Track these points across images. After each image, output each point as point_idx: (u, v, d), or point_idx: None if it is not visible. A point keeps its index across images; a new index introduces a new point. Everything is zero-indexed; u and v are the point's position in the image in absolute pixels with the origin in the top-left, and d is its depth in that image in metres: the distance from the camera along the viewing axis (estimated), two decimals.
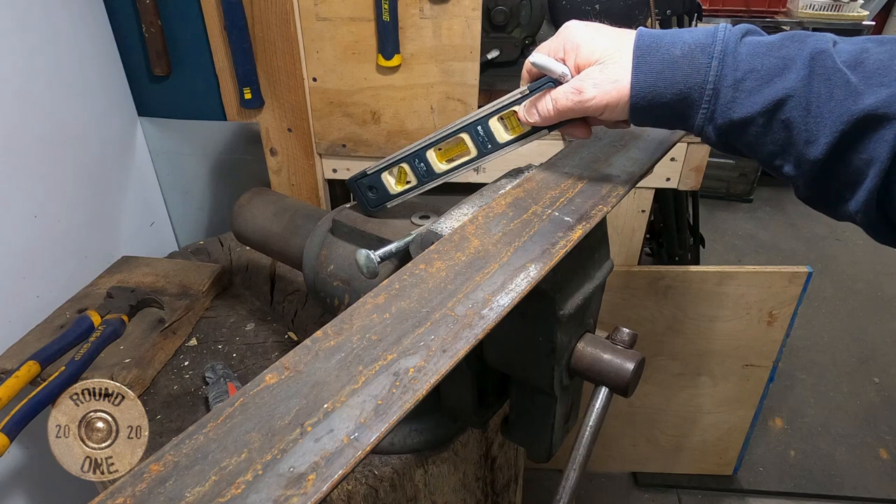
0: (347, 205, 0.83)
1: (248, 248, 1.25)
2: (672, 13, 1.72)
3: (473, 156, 0.66)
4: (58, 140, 1.14)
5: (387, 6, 1.14)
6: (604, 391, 0.64)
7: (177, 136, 1.46)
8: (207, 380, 0.94)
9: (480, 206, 0.63)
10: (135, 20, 1.23)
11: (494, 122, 0.64)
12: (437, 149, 0.69)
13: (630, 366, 0.62)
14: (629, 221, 1.40)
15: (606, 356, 0.64)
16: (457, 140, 0.67)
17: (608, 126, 0.65)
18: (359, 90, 1.26)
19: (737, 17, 3.18)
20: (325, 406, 0.38)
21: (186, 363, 1.00)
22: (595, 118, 0.61)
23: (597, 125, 0.64)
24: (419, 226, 0.73)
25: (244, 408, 0.37)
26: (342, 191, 1.55)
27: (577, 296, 0.65)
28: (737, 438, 1.76)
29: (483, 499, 0.98)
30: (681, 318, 1.51)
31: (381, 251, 0.64)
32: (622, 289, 1.47)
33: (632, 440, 1.79)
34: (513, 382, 0.74)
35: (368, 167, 0.74)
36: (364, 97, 1.27)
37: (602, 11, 1.54)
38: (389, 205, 0.76)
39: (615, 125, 0.64)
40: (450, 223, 0.62)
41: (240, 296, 1.17)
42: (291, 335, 1.06)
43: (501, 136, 0.65)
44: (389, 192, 0.75)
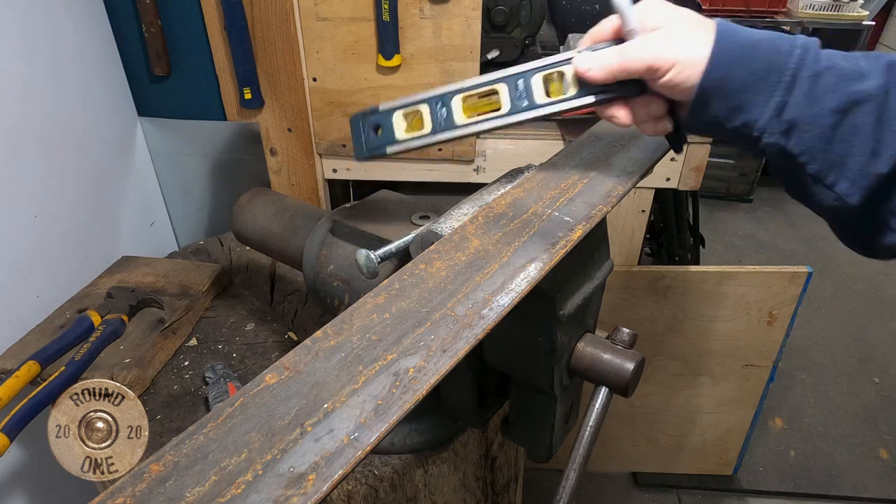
0: (347, 205, 0.83)
1: (248, 248, 1.25)
2: None
3: (504, 111, 0.60)
4: (58, 140, 1.14)
5: (387, 6, 1.14)
6: (604, 391, 0.64)
7: (177, 136, 1.46)
8: (207, 380, 0.94)
9: (480, 206, 0.63)
10: (135, 20, 1.23)
11: (537, 80, 0.59)
12: (465, 98, 0.61)
13: (630, 366, 0.62)
14: (629, 221, 1.40)
15: (606, 356, 0.64)
16: (489, 92, 0.60)
17: (640, 117, 0.59)
18: (359, 90, 1.26)
19: (737, 17, 3.17)
20: (325, 406, 0.38)
21: (186, 363, 1.00)
22: (641, 102, 0.57)
23: (640, 111, 0.58)
24: (419, 226, 0.73)
25: (244, 408, 0.37)
26: (342, 191, 1.55)
27: (577, 296, 0.65)
28: (737, 438, 1.76)
29: (483, 499, 0.98)
30: (681, 318, 1.51)
31: (381, 251, 0.64)
32: (622, 289, 1.47)
33: (632, 440, 1.79)
34: (513, 382, 0.74)
35: (381, 103, 0.65)
36: (364, 97, 1.27)
37: (602, 11, 1.54)
38: (390, 150, 0.65)
39: (647, 115, 0.58)
40: (450, 223, 0.62)
41: (240, 296, 1.17)
42: (291, 335, 1.06)
43: (540, 97, 0.59)
44: (395, 136, 0.64)
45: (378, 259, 0.64)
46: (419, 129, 0.63)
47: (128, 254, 1.24)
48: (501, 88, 0.60)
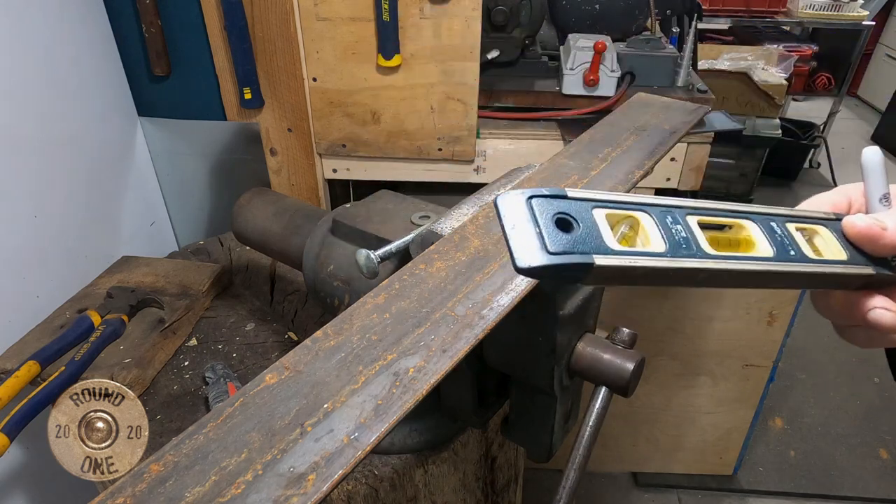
0: (347, 205, 0.83)
1: (248, 248, 1.25)
2: (672, 13, 1.72)
3: (769, 256, 0.44)
4: (58, 140, 1.14)
5: (387, 6, 1.14)
6: (604, 391, 0.64)
7: (177, 136, 1.46)
8: (207, 380, 0.94)
9: (480, 206, 0.63)
10: (135, 20, 1.23)
11: (792, 229, 0.46)
12: (702, 221, 0.44)
13: (630, 366, 0.62)
14: None
15: (606, 356, 0.64)
16: (734, 227, 0.46)
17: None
18: (359, 90, 1.26)
19: (737, 17, 3.17)
20: (325, 406, 0.38)
21: (186, 363, 1.00)
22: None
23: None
24: (419, 226, 0.73)
25: (244, 408, 0.37)
26: (342, 191, 1.55)
27: (577, 296, 0.65)
28: (737, 438, 1.76)
29: (483, 499, 0.98)
30: (681, 318, 1.51)
31: (381, 251, 0.64)
32: (622, 289, 1.47)
33: (632, 440, 1.79)
34: (513, 382, 0.74)
35: (566, 187, 0.43)
36: (364, 97, 1.27)
37: (602, 11, 1.54)
38: (601, 262, 0.35)
39: None
40: (450, 223, 0.62)
41: (240, 296, 1.17)
42: (291, 335, 1.06)
43: (808, 250, 0.46)
44: (606, 244, 0.37)
45: (378, 259, 0.64)
46: (646, 245, 0.41)
47: (128, 254, 1.24)
48: (750, 226, 0.46)
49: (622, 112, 0.83)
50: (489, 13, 1.33)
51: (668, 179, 1.32)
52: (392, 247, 0.65)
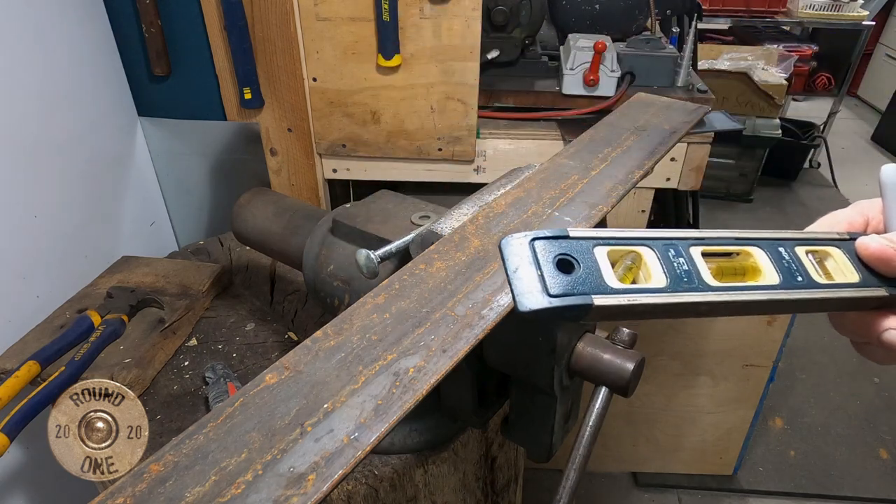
0: (347, 205, 0.83)
1: (248, 248, 1.25)
2: (672, 13, 1.72)
3: (776, 283, 0.44)
4: (58, 140, 1.14)
5: (387, 6, 1.14)
6: (604, 391, 0.64)
7: (177, 136, 1.46)
8: (207, 380, 0.94)
9: (480, 206, 0.63)
10: (135, 20, 1.23)
11: (801, 253, 0.46)
12: (706, 251, 0.44)
13: (630, 366, 0.62)
14: (629, 221, 1.40)
15: (606, 356, 0.64)
16: (740, 254, 0.45)
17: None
18: (359, 90, 1.26)
19: (737, 17, 3.17)
20: (325, 406, 0.38)
21: (186, 363, 1.00)
22: None
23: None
24: (419, 226, 0.73)
25: (244, 408, 0.37)
26: (342, 191, 1.55)
27: None
28: (737, 438, 1.76)
29: (483, 499, 0.98)
30: (681, 318, 1.51)
31: (381, 251, 0.64)
32: None
33: (632, 440, 1.79)
34: (513, 382, 0.74)
35: (569, 229, 0.40)
36: (364, 97, 1.27)
37: (602, 11, 1.54)
38: (600, 302, 0.37)
39: None
40: (450, 223, 0.62)
41: (240, 296, 1.17)
42: (291, 335, 1.06)
43: (815, 274, 0.45)
44: (606, 283, 0.39)
45: (378, 259, 0.64)
46: (647, 280, 0.42)
47: (128, 254, 1.24)
48: (756, 253, 0.45)
49: (622, 112, 0.83)
50: (489, 13, 1.33)
51: (668, 179, 1.32)
52: (392, 247, 0.65)
